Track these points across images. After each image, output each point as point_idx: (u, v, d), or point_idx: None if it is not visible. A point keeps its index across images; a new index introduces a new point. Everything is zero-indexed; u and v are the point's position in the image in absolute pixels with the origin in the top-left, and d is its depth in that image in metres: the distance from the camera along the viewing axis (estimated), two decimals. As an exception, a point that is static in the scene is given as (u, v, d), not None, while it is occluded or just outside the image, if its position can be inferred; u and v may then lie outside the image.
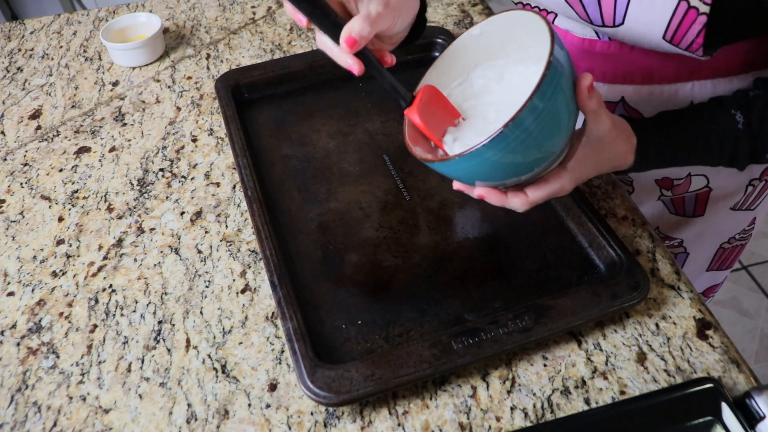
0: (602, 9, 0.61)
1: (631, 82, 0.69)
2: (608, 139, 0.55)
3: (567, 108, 0.50)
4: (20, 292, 0.66)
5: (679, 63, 0.66)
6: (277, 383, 0.57)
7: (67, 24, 1.07)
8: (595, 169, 0.57)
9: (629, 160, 0.59)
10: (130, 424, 0.55)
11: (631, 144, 0.58)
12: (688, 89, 0.67)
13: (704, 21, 0.55)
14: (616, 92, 0.71)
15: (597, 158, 0.56)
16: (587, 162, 0.55)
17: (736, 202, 0.79)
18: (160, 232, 0.71)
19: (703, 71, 0.66)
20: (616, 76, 0.70)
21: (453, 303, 0.60)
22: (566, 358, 0.57)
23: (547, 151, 0.51)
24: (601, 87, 0.72)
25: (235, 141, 0.74)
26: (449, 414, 0.54)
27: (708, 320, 0.60)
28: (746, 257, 1.77)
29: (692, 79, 0.67)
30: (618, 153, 0.57)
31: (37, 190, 0.77)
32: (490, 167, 0.51)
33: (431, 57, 0.89)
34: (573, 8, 0.64)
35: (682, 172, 0.75)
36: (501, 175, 0.53)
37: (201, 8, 1.08)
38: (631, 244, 0.66)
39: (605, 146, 0.55)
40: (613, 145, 0.56)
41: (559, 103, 0.49)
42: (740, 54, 0.65)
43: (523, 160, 0.50)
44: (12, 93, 0.93)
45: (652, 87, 0.69)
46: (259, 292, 0.64)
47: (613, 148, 0.56)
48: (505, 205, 0.56)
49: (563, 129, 0.51)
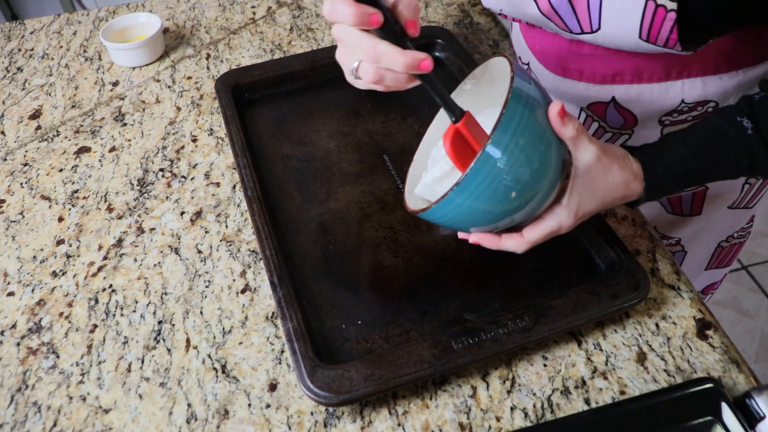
0: (578, 17, 0.63)
1: (621, 81, 0.70)
2: (599, 167, 0.53)
3: (542, 142, 0.49)
4: (20, 292, 0.66)
5: (667, 61, 0.66)
6: (277, 383, 0.57)
7: (67, 24, 1.07)
8: (595, 202, 0.54)
9: (636, 189, 0.56)
10: (130, 424, 0.55)
11: (632, 170, 0.55)
12: (679, 87, 0.67)
13: (674, 17, 0.56)
14: (606, 92, 0.71)
15: (593, 189, 0.53)
16: (583, 195, 0.53)
17: (733, 200, 0.79)
18: (160, 232, 0.71)
19: (693, 69, 0.66)
20: (605, 76, 0.70)
21: (453, 303, 0.60)
22: (566, 358, 0.57)
23: (529, 188, 0.50)
24: (591, 87, 0.72)
25: (235, 141, 0.74)
26: (449, 414, 0.54)
27: (708, 320, 0.60)
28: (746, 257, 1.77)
29: (682, 77, 0.67)
30: (616, 182, 0.54)
31: (37, 190, 0.77)
32: (468, 212, 0.50)
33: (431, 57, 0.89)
34: (551, 20, 0.65)
35: None
36: (486, 219, 0.52)
37: (201, 8, 1.08)
38: (631, 244, 0.66)
39: (597, 176, 0.53)
40: (607, 173, 0.53)
41: (529, 139, 0.49)
42: (729, 51, 0.65)
43: (502, 201, 0.50)
44: (12, 93, 0.93)
45: (642, 86, 0.69)
46: (259, 292, 0.64)
47: (607, 176, 0.54)
48: (501, 248, 0.55)
49: (542, 164, 0.50)
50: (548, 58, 0.74)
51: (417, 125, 0.79)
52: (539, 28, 0.73)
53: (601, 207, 0.55)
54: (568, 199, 0.53)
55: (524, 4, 0.66)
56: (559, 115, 0.50)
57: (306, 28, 1.01)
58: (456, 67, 0.86)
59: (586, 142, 0.52)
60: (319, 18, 1.03)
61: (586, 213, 0.54)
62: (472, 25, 0.99)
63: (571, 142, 0.51)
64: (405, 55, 0.49)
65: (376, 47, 0.49)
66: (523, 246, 0.55)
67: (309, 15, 1.04)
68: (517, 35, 0.84)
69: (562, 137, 0.51)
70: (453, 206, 0.50)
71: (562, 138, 0.51)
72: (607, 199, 0.55)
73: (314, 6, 1.06)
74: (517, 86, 0.49)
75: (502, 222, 0.52)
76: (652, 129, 0.72)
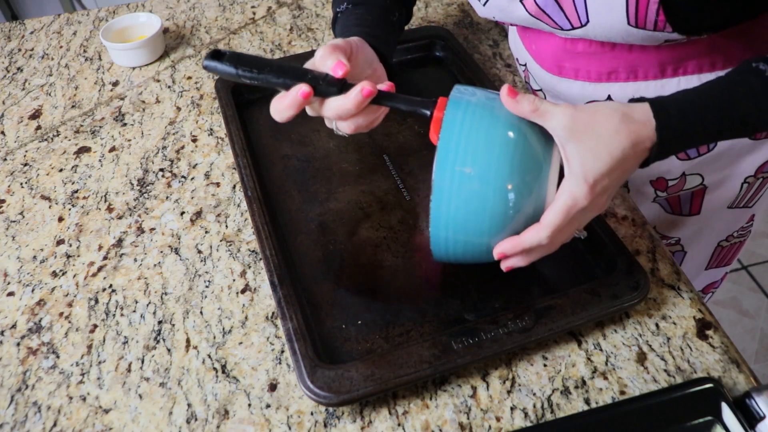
0: (566, 14, 0.63)
1: (616, 79, 0.70)
2: (580, 124, 0.49)
3: (497, 128, 0.50)
4: (20, 292, 0.66)
5: (661, 56, 0.66)
6: (277, 383, 0.57)
7: (67, 24, 1.07)
8: (601, 160, 0.49)
9: (645, 133, 0.50)
10: (130, 424, 0.55)
11: (626, 112, 0.50)
12: (675, 85, 0.68)
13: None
14: (602, 91, 0.72)
15: (589, 148, 0.49)
16: (582, 158, 0.49)
17: (732, 200, 0.79)
18: (160, 232, 0.71)
19: (688, 66, 0.66)
20: (600, 74, 0.70)
21: (453, 303, 0.60)
22: (566, 358, 0.57)
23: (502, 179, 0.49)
24: (587, 86, 0.72)
25: (235, 141, 0.74)
26: (449, 414, 0.54)
27: (708, 320, 0.60)
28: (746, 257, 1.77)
29: (678, 74, 0.67)
30: (611, 129, 0.50)
31: (37, 190, 0.77)
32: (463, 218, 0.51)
33: (431, 57, 0.89)
34: (541, 20, 0.66)
35: (677, 172, 0.75)
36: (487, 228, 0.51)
37: (201, 8, 1.08)
38: (631, 244, 0.66)
39: (583, 132, 0.49)
40: (593, 125, 0.49)
41: (479, 132, 0.50)
42: (725, 48, 0.65)
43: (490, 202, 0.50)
44: (12, 93, 0.93)
45: (637, 84, 0.69)
46: (259, 292, 0.64)
47: (596, 128, 0.49)
48: (525, 246, 0.52)
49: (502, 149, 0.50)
50: (544, 58, 0.75)
51: (417, 125, 0.79)
52: (534, 29, 0.74)
53: (613, 163, 0.50)
54: (568, 168, 0.50)
55: (512, 7, 0.66)
56: (510, 96, 0.50)
57: (306, 28, 1.01)
58: (456, 67, 0.86)
59: (550, 109, 0.50)
60: (319, 18, 1.03)
61: (598, 175, 0.49)
62: (472, 25, 0.99)
63: (534, 117, 0.50)
64: (348, 98, 0.54)
65: (328, 108, 0.55)
66: (544, 232, 0.50)
67: (309, 15, 1.04)
68: (513, 37, 0.84)
69: (523, 116, 0.50)
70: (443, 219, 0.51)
71: (524, 116, 0.50)
72: (615, 151, 0.49)
73: (314, 6, 1.06)
74: (455, 92, 0.52)
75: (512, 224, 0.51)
76: None
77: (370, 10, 0.70)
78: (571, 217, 0.50)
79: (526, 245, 0.52)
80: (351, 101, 0.54)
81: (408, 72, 0.88)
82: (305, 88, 0.54)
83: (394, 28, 0.73)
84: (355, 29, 0.67)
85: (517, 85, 0.87)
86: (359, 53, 0.60)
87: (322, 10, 1.05)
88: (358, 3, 0.71)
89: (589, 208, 0.51)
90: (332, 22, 0.73)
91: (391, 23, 0.72)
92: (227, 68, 0.54)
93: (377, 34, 0.67)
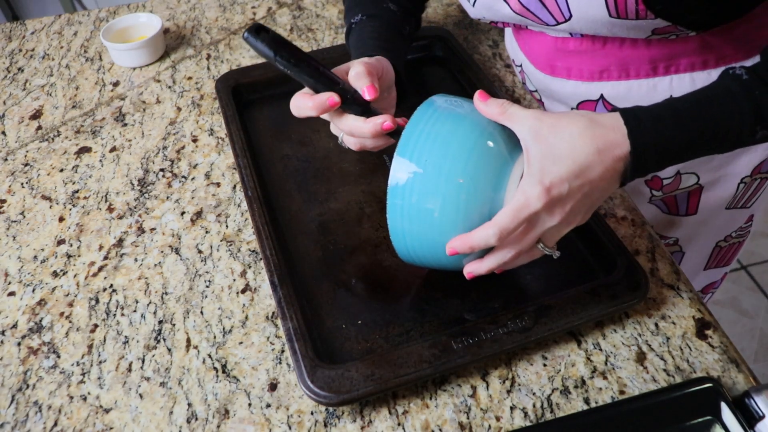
0: (549, 10, 0.63)
1: (608, 78, 0.70)
2: (544, 127, 0.48)
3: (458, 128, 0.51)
4: (21, 291, 0.66)
5: (652, 54, 0.66)
6: (278, 383, 0.57)
7: (67, 24, 1.07)
8: (563, 164, 0.48)
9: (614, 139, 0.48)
10: (131, 424, 0.55)
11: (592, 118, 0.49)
12: (667, 84, 0.68)
13: None
14: (594, 90, 0.72)
15: (552, 152, 0.48)
16: (543, 160, 0.48)
17: (729, 200, 0.79)
18: (160, 232, 0.71)
19: (680, 64, 0.67)
20: (592, 73, 0.71)
21: (453, 303, 0.60)
22: (566, 358, 0.57)
23: (454, 173, 0.50)
24: (579, 85, 0.72)
25: (235, 141, 0.74)
26: (449, 414, 0.54)
27: (707, 320, 0.60)
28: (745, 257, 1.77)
29: (669, 72, 0.67)
30: (574, 134, 0.48)
31: (38, 190, 0.77)
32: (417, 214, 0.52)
33: (431, 57, 0.89)
34: (526, 17, 0.66)
35: (671, 170, 0.75)
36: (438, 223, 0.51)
37: (201, 9, 1.08)
38: (631, 244, 0.66)
39: (547, 136, 0.48)
40: (557, 129, 0.48)
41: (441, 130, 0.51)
42: (716, 46, 0.65)
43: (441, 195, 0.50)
44: (13, 93, 0.93)
45: (629, 82, 0.69)
46: (260, 292, 0.64)
47: (559, 131, 0.48)
48: (474, 243, 0.50)
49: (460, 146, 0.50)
50: (537, 58, 0.75)
51: (417, 125, 0.79)
52: (527, 29, 0.74)
53: (575, 167, 0.48)
54: (528, 169, 0.48)
55: (498, 6, 0.67)
56: (481, 99, 0.51)
57: (306, 28, 1.01)
58: (456, 68, 0.86)
59: (518, 111, 0.50)
60: (319, 18, 1.03)
61: (555, 178, 0.47)
62: (472, 25, 0.99)
63: (502, 119, 0.50)
64: (368, 124, 0.56)
65: (345, 122, 0.58)
66: (492, 229, 0.48)
67: (309, 15, 1.04)
68: (509, 39, 0.84)
69: (491, 118, 0.51)
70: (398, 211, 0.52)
71: (492, 118, 0.51)
72: (578, 157, 0.48)
73: (314, 6, 1.06)
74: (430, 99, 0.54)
75: (465, 218, 0.51)
76: None
77: (383, 24, 0.71)
78: (522, 219, 0.48)
79: (475, 242, 0.49)
80: (369, 128, 0.56)
81: (408, 72, 0.88)
82: (336, 98, 0.55)
83: (405, 41, 0.75)
84: (372, 42, 0.68)
85: (516, 86, 0.87)
86: (385, 76, 0.62)
87: (322, 10, 1.05)
88: (372, 15, 0.72)
89: (545, 216, 0.49)
90: (346, 33, 0.74)
91: (403, 37, 0.74)
92: (265, 49, 0.54)
93: (391, 49, 0.69)
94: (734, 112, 0.50)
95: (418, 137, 0.51)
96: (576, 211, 0.51)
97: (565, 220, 0.51)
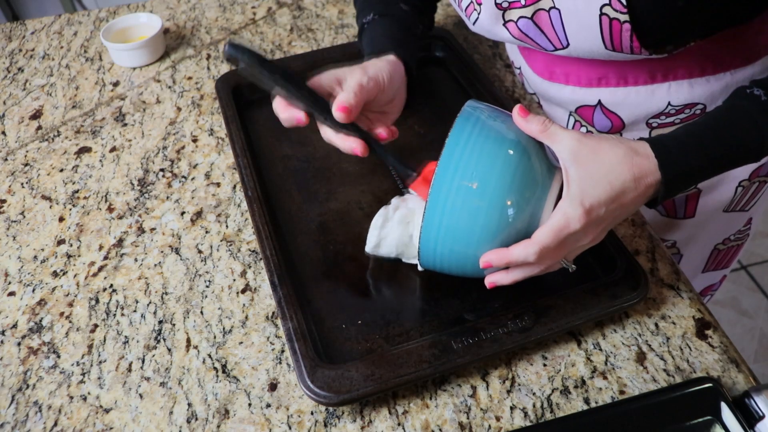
0: (548, 37, 0.64)
1: (606, 84, 0.70)
2: (584, 150, 0.50)
3: (502, 146, 0.51)
4: (21, 291, 0.66)
5: (650, 64, 0.66)
6: (278, 383, 0.57)
7: (67, 24, 1.07)
8: (601, 188, 0.49)
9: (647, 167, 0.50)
10: (131, 424, 0.55)
11: (630, 146, 0.51)
12: (665, 90, 0.68)
13: (629, 28, 0.57)
14: (592, 96, 0.72)
15: (590, 174, 0.50)
16: (582, 183, 0.49)
17: (727, 203, 0.79)
18: (160, 232, 0.71)
19: (678, 72, 0.67)
20: (591, 79, 0.71)
21: (453, 303, 0.60)
22: (566, 358, 0.57)
23: (499, 192, 0.50)
24: (578, 91, 0.72)
25: (235, 141, 0.74)
26: (449, 413, 0.54)
27: (707, 320, 0.60)
28: (745, 257, 1.77)
29: (668, 79, 0.67)
30: (614, 160, 0.50)
31: (38, 190, 0.77)
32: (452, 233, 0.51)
33: (431, 57, 0.89)
34: (525, 42, 0.67)
35: None
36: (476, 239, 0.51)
37: (201, 8, 1.08)
38: (631, 244, 0.66)
39: (586, 158, 0.50)
40: (598, 152, 0.50)
41: (484, 146, 0.50)
42: (713, 53, 0.65)
43: (484, 214, 0.50)
44: (13, 93, 0.93)
45: (627, 89, 0.69)
46: (260, 292, 0.64)
47: (599, 155, 0.50)
48: (512, 259, 0.51)
49: (505, 166, 0.50)
50: (536, 63, 0.75)
51: (417, 125, 0.79)
52: None
53: (612, 193, 0.50)
54: (567, 190, 0.50)
55: (496, 30, 0.67)
56: (521, 115, 0.51)
57: (306, 28, 1.01)
58: (456, 68, 0.86)
59: (559, 131, 0.50)
60: (320, 18, 1.03)
61: (595, 201, 0.49)
62: (472, 25, 0.99)
63: (542, 137, 0.51)
64: (344, 143, 0.59)
65: (324, 133, 0.61)
66: (533, 248, 0.50)
67: (309, 15, 1.04)
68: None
69: (532, 135, 0.51)
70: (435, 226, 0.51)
71: (533, 135, 0.51)
72: (615, 182, 0.50)
73: (314, 6, 1.06)
74: (468, 107, 0.53)
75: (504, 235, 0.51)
76: (640, 132, 0.73)
77: (396, 23, 0.71)
78: (561, 239, 0.50)
79: (513, 258, 0.51)
80: (341, 144, 0.59)
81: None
82: (301, 117, 0.58)
83: (418, 41, 0.75)
84: (385, 40, 0.68)
85: (516, 86, 0.87)
86: (392, 81, 0.62)
87: (322, 10, 1.05)
88: (385, 14, 0.72)
89: (581, 236, 0.51)
90: (358, 33, 0.74)
91: (416, 36, 0.74)
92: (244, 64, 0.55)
93: (404, 46, 0.68)
94: (755, 132, 0.52)
95: (463, 150, 0.50)
96: (604, 231, 0.53)
97: (594, 239, 0.53)
